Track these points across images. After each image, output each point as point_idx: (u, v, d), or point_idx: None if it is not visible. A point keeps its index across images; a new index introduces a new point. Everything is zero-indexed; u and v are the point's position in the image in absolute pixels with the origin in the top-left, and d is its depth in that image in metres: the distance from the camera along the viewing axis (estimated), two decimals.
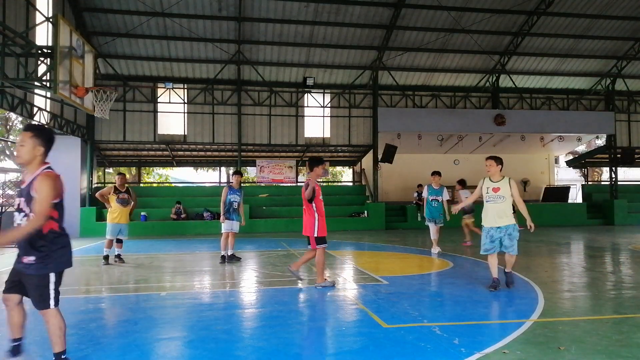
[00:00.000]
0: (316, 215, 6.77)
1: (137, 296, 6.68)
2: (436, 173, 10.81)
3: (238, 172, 10.15)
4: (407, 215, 19.52)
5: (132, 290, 7.10)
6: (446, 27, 18.41)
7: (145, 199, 19.03)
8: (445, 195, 10.61)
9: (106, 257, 9.64)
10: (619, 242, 13.22)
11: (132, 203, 9.98)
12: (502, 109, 20.80)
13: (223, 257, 9.55)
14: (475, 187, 6.98)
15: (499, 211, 6.44)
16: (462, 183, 12.19)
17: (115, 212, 9.58)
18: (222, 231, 9.54)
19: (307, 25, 17.81)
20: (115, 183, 9.92)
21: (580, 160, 25.08)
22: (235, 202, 9.56)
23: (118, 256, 9.80)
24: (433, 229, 10.72)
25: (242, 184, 10.21)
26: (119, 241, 9.83)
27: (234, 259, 9.67)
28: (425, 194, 10.85)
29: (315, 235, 6.77)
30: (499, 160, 6.68)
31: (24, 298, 3.66)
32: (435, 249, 10.68)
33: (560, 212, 20.38)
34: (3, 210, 13.77)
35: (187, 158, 23.41)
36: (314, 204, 6.77)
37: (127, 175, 30.28)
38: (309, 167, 6.98)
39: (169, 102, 19.03)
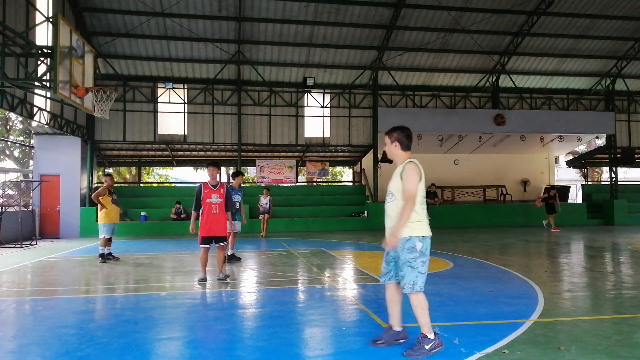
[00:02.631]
0: (195, 217, 7.52)
1: (137, 296, 6.68)
2: None
3: (239, 173, 10.21)
4: None
5: (132, 290, 7.10)
6: (446, 27, 18.41)
7: (145, 199, 19.05)
8: None
9: (110, 254, 10.02)
10: (619, 242, 13.21)
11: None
12: (502, 109, 20.80)
13: (232, 255, 9.55)
14: (476, 187, 6.78)
15: (389, 216, 4.13)
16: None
17: (113, 212, 9.98)
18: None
19: (307, 25, 17.81)
20: (106, 184, 10.18)
21: (580, 160, 25.07)
22: (237, 202, 9.60)
23: (110, 254, 10.11)
24: None
25: (241, 184, 10.27)
26: (109, 240, 10.14)
27: (233, 259, 9.67)
28: None
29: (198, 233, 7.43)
30: (402, 133, 4.15)
31: None
32: None
33: (560, 212, 20.34)
34: (3, 210, 13.76)
35: (187, 158, 23.40)
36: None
37: (127, 176, 30.55)
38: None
39: (169, 102, 19.03)
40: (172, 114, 19.22)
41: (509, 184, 22.34)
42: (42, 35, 13.39)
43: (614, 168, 21.66)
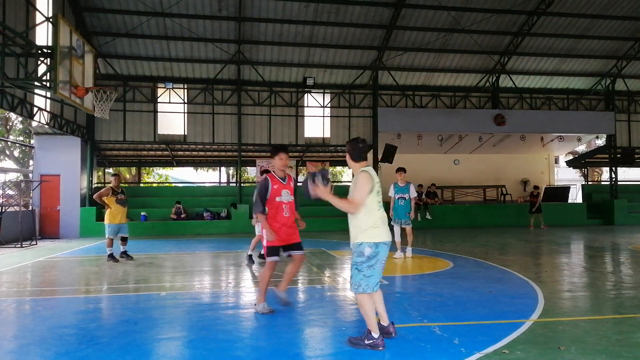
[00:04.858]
0: (265, 219, 5.59)
1: (137, 296, 6.68)
2: (401, 169, 9.79)
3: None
4: None
5: (132, 290, 7.10)
6: (446, 27, 18.40)
7: (145, 199, 19.04)
8: (413, 193, 9.73)
9: (111, 255, 9.91)
10: (619, 242, 13.21)
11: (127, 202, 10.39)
12: (502, 109, 20.79)
13: (250, 256, 9.42)
14: (476, 187, 6.78)
15: (350, 227, 4.32)
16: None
17: (116, 213, 9.89)
18: (258, 233, 9.17)
19: (307, 25, 17.80)
20: (111, 184, 10.12)
21: (580, 160, 25.07)
22: None
23: (125, 253, 10.13)
24: (397, 231, 9.73)
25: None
26: (124, 239, 10.13)
27: (249, 260, 9.51)
28: (391, 193, 9.80)
29: (264, 243, 5.69)
30: (350, 145, 4.45)
31: None
32: (399, 254, 9.72)
33: (560, 212, 20.36)
34: (3, 210, 13.76)
35: (187, 158, 23.41)
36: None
37: (128, 176, 30.59)
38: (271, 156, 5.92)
39: (169, 102, 19.02)
40: (172, 114, 19.21)
41: (509, 184, 22.34)
42: (42, 35, 13.38)
43: (614, 168, 21.66)
